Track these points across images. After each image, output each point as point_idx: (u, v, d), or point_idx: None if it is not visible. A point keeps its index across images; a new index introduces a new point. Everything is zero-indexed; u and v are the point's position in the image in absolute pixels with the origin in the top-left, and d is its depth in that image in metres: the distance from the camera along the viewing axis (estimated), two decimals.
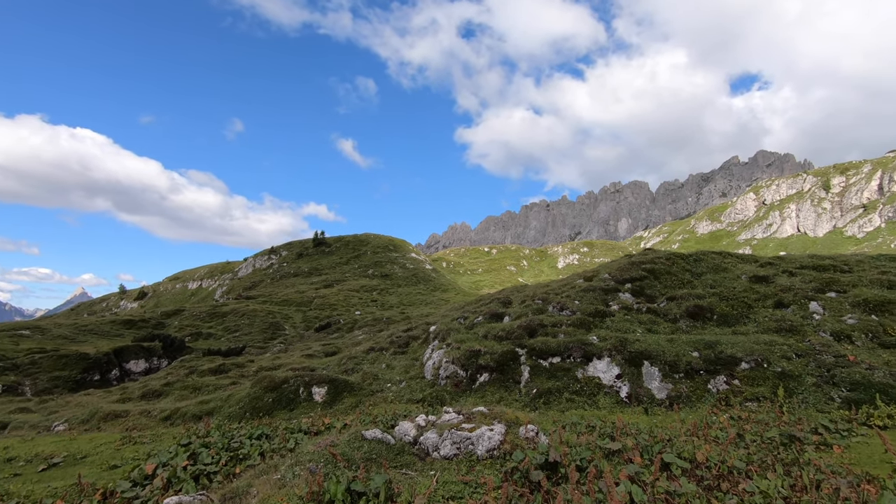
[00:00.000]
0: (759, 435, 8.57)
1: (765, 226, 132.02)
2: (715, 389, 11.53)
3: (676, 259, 17.38)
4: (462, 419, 7.05)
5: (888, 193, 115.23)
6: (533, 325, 14.53)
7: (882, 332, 11.68)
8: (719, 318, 13.81)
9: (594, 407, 11.94)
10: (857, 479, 5.90)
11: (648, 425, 9.60)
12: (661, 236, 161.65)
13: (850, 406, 9.88)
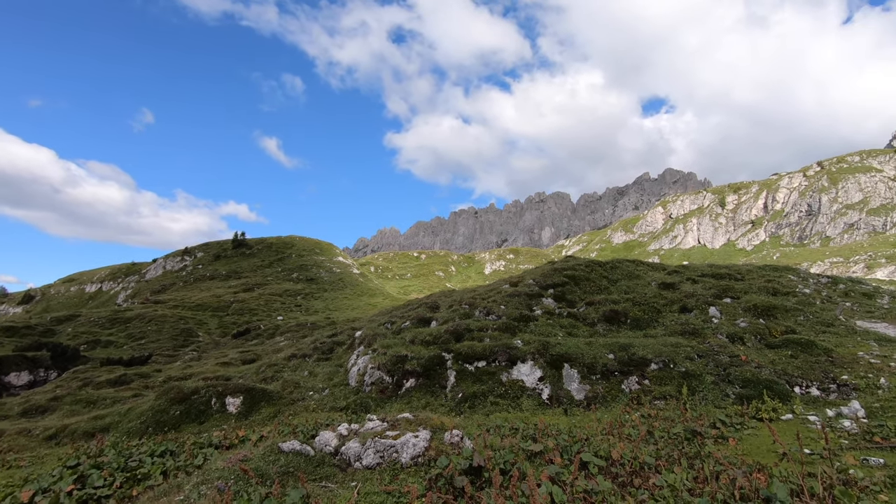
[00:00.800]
0: (667, 431, 9.15)
1: (671, 237, 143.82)
2: (628, 389, 12.22)
3: (595, 266, 18.32)
4: (386, 427, 6.86)
5: (771, 211, 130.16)
6: (460, 329, 14.62)
7: (768, 333, 13.03)
8: (632, 322, 14.71)
9: (518, 409, 12.20)
10: (749, 468, 6.45)
11: (568, 426, 9.94)
12: (580, 245, 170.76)
13: (743, 401, 10.87)
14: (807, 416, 9.72)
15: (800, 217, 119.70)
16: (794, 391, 10.92)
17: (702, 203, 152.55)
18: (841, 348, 12.00)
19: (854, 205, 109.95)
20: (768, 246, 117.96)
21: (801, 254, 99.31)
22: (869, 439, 7.99)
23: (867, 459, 6.97)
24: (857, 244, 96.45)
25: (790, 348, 12.20)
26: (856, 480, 5.77)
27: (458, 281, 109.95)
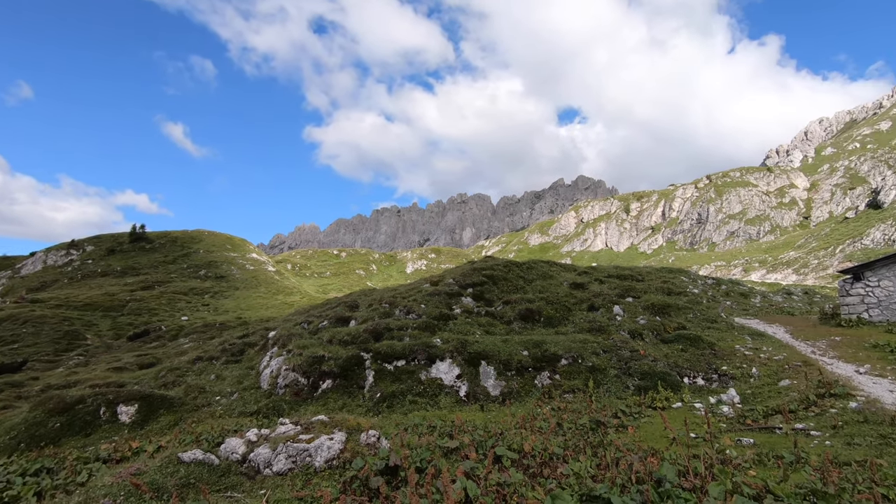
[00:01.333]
0: (574, 423, 9.71)
1: (582, 240, 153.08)
2: (540, 384, 12.81)
3: (512, 266, 19.00)
4: (300, 430, 6.60)
5: (668, 218, 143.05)
6: (379, 328, 14.47)
7: (663, 329, 14.30)
8: (546, 320, 15.44)
9: (436, 407, 12.31)
10: (645, 453, 7.03)
11: (484, 421, 10.21)
12: (499, 246, 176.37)
13: (641, 392, 11.83)
14: (693, 404, 10.77)
15: (691, 224, 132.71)
16: (683, 381, 12.08)
17: (609, 209, 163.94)
18: (722, 342, 13.48)
19: (735, 215, 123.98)
20: (665, 250, 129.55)
21: (692, 257, 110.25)
22: (742, 422, 9.05)
23: (741, 440, 7.89)
24: (737, 250, 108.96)
25: (681, 343, 13.47)
26: (731, 459, 6.50)
27: (380, 280, 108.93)
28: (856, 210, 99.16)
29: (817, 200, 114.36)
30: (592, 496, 4.89)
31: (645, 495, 4.64)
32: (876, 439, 6.96)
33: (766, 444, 7.46)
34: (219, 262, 68.91)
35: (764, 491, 4.81)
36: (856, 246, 75.50)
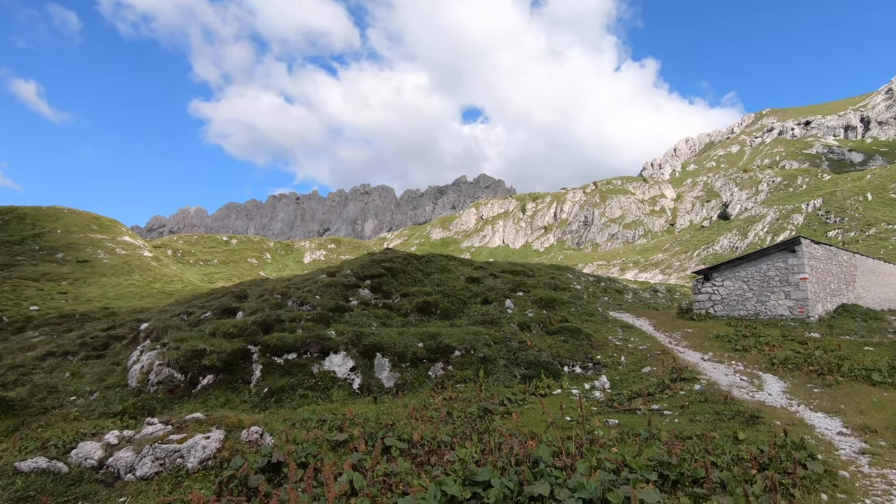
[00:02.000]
0: (464, 411, 10.05)
1: (481, 236, 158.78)
2: (434, 375, 13.08)
3: (412, 259, 19.12)
4: (170, 430, 6.05)
5: (559, 219, 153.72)
6: (269, 320, 13.75)
7: (548, 322, 15.36)
8: (442, 313, 15.79)
9: (328, 401, 12.02)
10: (525, 437, 7.52)
11: (377, 413, 10.17)
12: (402, 238, 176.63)
13: (526, 381, 12.60)
14: (571, 390, 11.72)
15: (579, 226, 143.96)
16: (564, 370, 13.08)
17: (508, 208, 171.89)
18: (598, 334, 14.83)
19: (615, 219, 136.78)
20: (556, 248, 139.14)
21: (579, 256, 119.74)
22: (610, 405, 10.07)
23: (608, 421, 8.76)
24: (616, 251, 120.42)
25: (563, 334, 14.58)
26: (598, 439, 7.20)
27: (274, 269, 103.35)
28: (710, 220, 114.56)
29: (681, 210, 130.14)
30: (475, 480, 5.12)
31: (521, 476, 4.97)
32: (712, 416, 8.14)
33: (629, 423, 8.37)
34: (81, 245, 60.45)
35: (622, 465, 5.40)
36: (709, 251, 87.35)
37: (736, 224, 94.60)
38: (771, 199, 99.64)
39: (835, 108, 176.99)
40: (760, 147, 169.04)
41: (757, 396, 9.12)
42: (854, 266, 20.31)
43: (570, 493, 4.52)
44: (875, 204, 70.20)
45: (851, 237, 63.53)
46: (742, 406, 8.12)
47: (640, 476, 4.98)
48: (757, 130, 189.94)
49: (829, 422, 7.46)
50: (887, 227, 62.11)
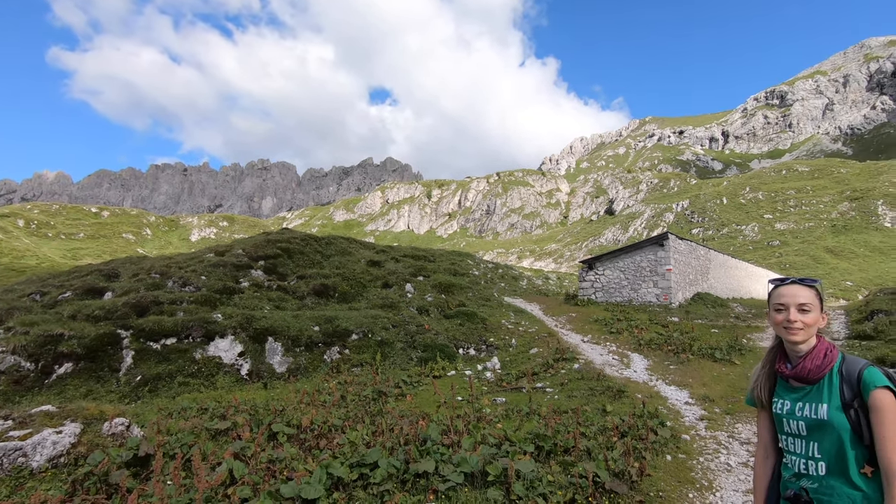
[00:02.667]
0: (358, 394, 10.01)
1: (386, 220, 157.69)
2: (329, 359, 12.83)
3: (310, 240, 18.44)
4: (12, 425, 5.25)
5: (463, 207, 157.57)
6: (145, 302, 12.48)
7: (446, 306, 15.76)
8: (340, 296, 15.48)
9: (212, 388, 11.27)
10: (417, 417, 7.69)
11: (266, 399, 9.76)
12: (303, 219, 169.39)
13: (423, 363, 12.85)
14: (465, 371, 12.19)
15: (482, 215, 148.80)
16: (459, 352, 13.55)
17: (414, 193, 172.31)
18: (492, 318, 15.54)
19: (515, 209, 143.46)
20: (459, 235, 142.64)
21: (480, 244, 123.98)
22: (499, 385, 10.65)
23: (496, 399, 9.26)
24: (514, 240, 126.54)
25: (460, 318, 15.06)
26: (485, 416, 7.60)
27: (156, 247, 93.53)
28: (598, 214, 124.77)
29: (574, 204, 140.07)
30: (363, 461, 5.14)
31: (408, 454, 5.09)
32: (587, 391, 8.96)
33: (514, 401, 8.92)
34: None
35: (504, 439, 5.76)
36: (595, 243, 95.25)
37: (619, 219, 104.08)
38: (648, 199, 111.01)
39: (703, 121, 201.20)
40: (642, 151, 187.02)
41: (624, 373, 10.22)
42: (709, 260, 23.43)
43: (454, 468, 4.72)
44: (728, 207, 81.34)
45: (709, 235, 73.10)
46: (611, 382, 9.04)
47: (518, 448, 5.35)
48: (640, 135, 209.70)
49: (679, 393, 8.59)
50: (736, 228, 72.36)
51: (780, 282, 2.10)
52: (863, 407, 1.87)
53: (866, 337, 12.53)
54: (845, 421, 1.88)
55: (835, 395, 1.93)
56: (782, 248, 58.91)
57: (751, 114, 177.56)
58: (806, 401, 1.98)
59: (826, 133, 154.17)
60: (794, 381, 2.04)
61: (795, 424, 2.00)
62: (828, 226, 62.14)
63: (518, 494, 4.20)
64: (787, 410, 2.04)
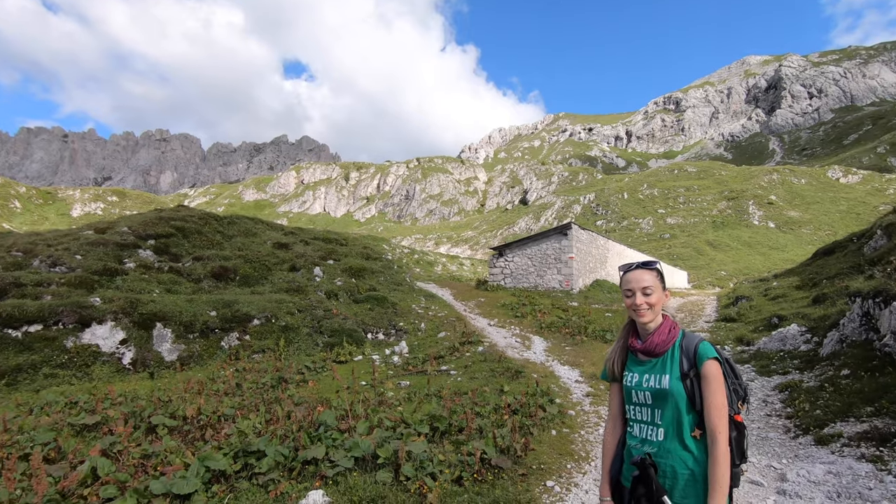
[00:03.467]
0: (256, 382, 9.56)
1: (301, 202, 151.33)
2: (227, 346, 12.09)
3: (210, 219, 17.15)
4: None
5: (382, 191, 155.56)
6: (3, 284, 10.88)
7: (356, 291, 15.49)
8: (242, 279, 14.60)
9: (87, 379, 10.15)
10: (316, 403, 7.49)
11: (151, 390, 9.00)
12: (208, 197, 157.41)
13: (329, 348, 12.55)
14: (372, 356, 12.09)
15: (401, 200, 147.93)
16: (367, 337, 13.40)
17: (331, 175, 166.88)
18: (403, 302, 15.55)
19: (434, 196, 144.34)
20: (377, 220, 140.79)
21: (399, 229, 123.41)
22: (405, 368, 10.70)
23: (400, 383, 9.28)
24: (433, 226, 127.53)
25: (370, 302, 14.88)
26: (387, 400, 7.59)
27: (27, 222, 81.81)
28: (513, 204, 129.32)
29: (491, 193, 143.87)
30: (248, 450, 4.90)
31: (298, 441, 4.93)
32: (488, 373, 9.28)
33: (419, 384, 9.00)
34: None
35: (400, 422, 5.78)
36: (510, 231, 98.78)
37: (532, 209, 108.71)
38: (559, 191, 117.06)
39: (610, 120, 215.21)
40: (556, 145, 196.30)
41: (525, 355, 10.72)
42: (607, 249, 25.23)
43: (346, 453, 4.65)
44: (629, 202, 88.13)
45: (612, 227, 78.84)
46: (511, 363, 9.44)
47: (413, 430, 5.39)
48: (554, 130, 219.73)
49: (571, 372, 9.19)
50: (634, 221, 78.69)
51: (626, 268, 2.26)
52: (697, 377, 2.10)
53: (731, 319, 14.23)
54: (682, 390, 2.09)
55: (675, 367, 2.13)
56: (672, 240, 65.14)
57: (651, 116, 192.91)
58: (652, 372, 2.17)
59: (711, 139, 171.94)
60: (643, 355, 2.22)
61: (642, 395, 2.18)
62: (709, 221, 69.64)
63: (407, 475, 4.22)
64: (635, 382, 2.21)
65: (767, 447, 5.09)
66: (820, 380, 6.80)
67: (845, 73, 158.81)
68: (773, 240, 59.67)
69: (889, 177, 78.24)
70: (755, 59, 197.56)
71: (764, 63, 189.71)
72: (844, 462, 4.27)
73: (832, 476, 4.09)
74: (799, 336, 9.76)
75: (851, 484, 3.90)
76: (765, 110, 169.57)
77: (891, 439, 4.40)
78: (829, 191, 75.33)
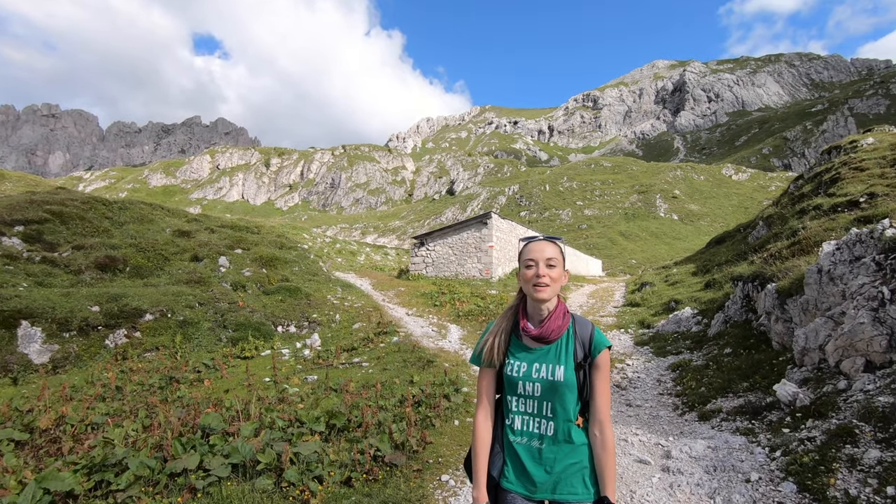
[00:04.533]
0: (143, 383, 8.63)
1: (216, 188, 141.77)
2: (113, 344, 10.85)
3: (96, 204, 15.32)
4: None
5: (306, 179, 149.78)
6: None
7: (267, 282, 14.58)
8: (133, 271, 13.18)
9: None
10: (207, 404, 6.84)
11: (12, 397, 7.80)
12: (108, 181, 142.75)
13: (234, 343, 11.68)
14: (282, 350, 11.41)
15: (326, 188, 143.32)
16: (277, 330, 12.64)
17: (249, 160, 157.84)
18: (317, 293, 14.87)
19: (361, 185, 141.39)
20: (300, 208, 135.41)
21: (324, 218, 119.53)
22: (315, 362, 10.17)
23: (307, 378, 8.78)
24: (359, 215, 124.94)
25: (281, 294, 14.07)
26: (287, 397, 7.10)
27: None
28: (440, 194, 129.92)
29: (418, 183, 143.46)
30: (108, 464, 4.27)
31: (166, 451, 4.37)
32: (401, 363, 9.03)
33: (326, 378, 8.57)
34: None
35: (294, 420, 5.37)
36: (437, 221, 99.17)
37: (459, 199, 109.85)
38: (485, 182, 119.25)
39: (534, 115, 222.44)
40: (482, 137, 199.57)
41: (439, 344, 10.60)
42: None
43: (224, 460, 4.18)
44: (550, 194, 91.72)
45: (534, 218, 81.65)
46: (424, 353, 9.26)
47: (307, 429, 5.01)
48: (481, 122, 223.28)
49: None
50: (555, 212, 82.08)
51: (529, 239, 2.05)
52: (590, 366, 1.96)
53: (636, 304, 15.10)
54: (575, 381, 1.93)
55: (570, 356, 1.96)
56: (588, 231, 68.73)
57: (571, 113, 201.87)
58: (543, 361, 1.97)
59: (625, 136, 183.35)
60: (533, 342, 2.01)
61: (531, 386, 1.97)
62: (622, 213, 74.27)
63: (290, 480, 3.86)
64: (523, 372, 2.00)
65: (658, 425, 5.29)
66: (706, 358, 7.26)
67: (738, 81, 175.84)
68: (676, 230, 64.90)
69: (771, 175, 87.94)
70: (663, 63, 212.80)
71: (671, 67, 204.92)
72: (722, 436, 4.49)
73: (710, 450, 4.27)
74: (692, 318, 10.49)
75: (726, 457, 4.08)
76: (671, 111, 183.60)
77: (761, 412, 4.69)
78: (723, 187, 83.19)
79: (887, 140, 14.58)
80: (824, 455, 3.48)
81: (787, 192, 16.41)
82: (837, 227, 7.67)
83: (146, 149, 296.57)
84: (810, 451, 3.62)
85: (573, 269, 32.64)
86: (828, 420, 3.89)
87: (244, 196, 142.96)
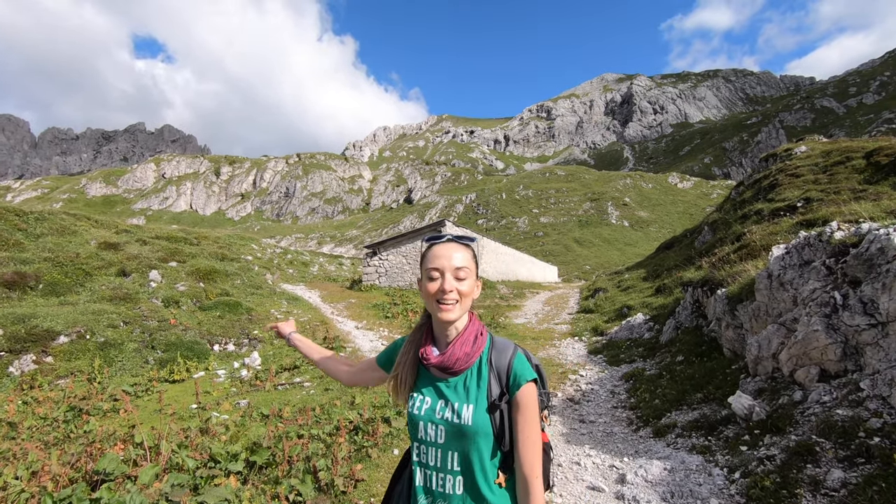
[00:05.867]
0: (47, 416, 7.60)
1: (162, 198, 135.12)
2: (19, 372, 9.63)
3: (7, 214, 13.83)
4: None
5: (259, 188, 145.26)
6: None
7: (204, 296, 13.54)
8: (48, 288, 11.88)
9: None
10: (113, 441, 5.99)
11: None
12: (39, 191, 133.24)
13: (163, 365, 10.66)
14: (217, 371, 10.50)
15: (280, 197, 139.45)
16: (213, 349, 11.68)
17: (198, 168, 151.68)
18: (260, 307, 13.96)
19: (317, 193, 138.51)
20: (253, 218, 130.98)
21: (278, 228, 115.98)
22: (253, 383, 9.36)
23: (239, 402, 8.00)
24: (315, 225, 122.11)
25: (220, 309, 13.09)
26: (211, 428, 6.34)
27: None
28: (398, 202, 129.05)
29: (376, 191, 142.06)
30: None
31: None
32: None
33: (260, 402, 7.83)
34: None
35: (207, 458, 4.69)
36: (395, 230, 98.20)
37: (417, 208, 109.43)
38: (443, 190, 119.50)
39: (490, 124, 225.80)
40: (439, 145, 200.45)
41: None
42: (482, 246, 25.70)
43: None
44: (507, 202, 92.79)
45: (491, 225, 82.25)
46: None
47: (221, 469, 4.35)
48: (438, 131, 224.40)
49: None
50: (512, 220, 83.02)
51: (434, 239, 1.58)
52: (509, 403, 1.48)
53: (589, 311, 15.04)
54: (489, 426, 1.46)
55: (482, 393, 1.48)
56: (545, 238, 69.82)
57: (526, 123, 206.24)
58: (448, 398, 1.50)
59: (577, 145, 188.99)
60: (438, 371, 1.54)
61: (433, 430, 1.50)
62: (576, 221, 75.98)
63: None
64: (425, 411, 1.52)
65: (612, 444, 4.96)
66: (659, 367, 7.07)
67: (680, 94, 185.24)
68: (627, 237, 66.92)
69: (713, 183, 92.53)
70: (612, 76, 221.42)
71: (619, 80, 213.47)
72: (678, 456, 4.19)
73: (667, 473, 3.96)
74: (644, 324, 10.41)
75: (684, 481, 3.77)
76: (620, 122, 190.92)
77: (717, 427, 4.43)
78: (669, 194, 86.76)
79: (818, 148, 15.29)
80: (786, 477, 3.21)
81: (730, 198, 16.92)
82: (781, 231, 7.73)
83: (84, 157, 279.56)
84: (770, 471, 3.34)
85: (530, 277, 32.76)
86: (786, 436, 3.64)
87: (192, 206, 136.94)
